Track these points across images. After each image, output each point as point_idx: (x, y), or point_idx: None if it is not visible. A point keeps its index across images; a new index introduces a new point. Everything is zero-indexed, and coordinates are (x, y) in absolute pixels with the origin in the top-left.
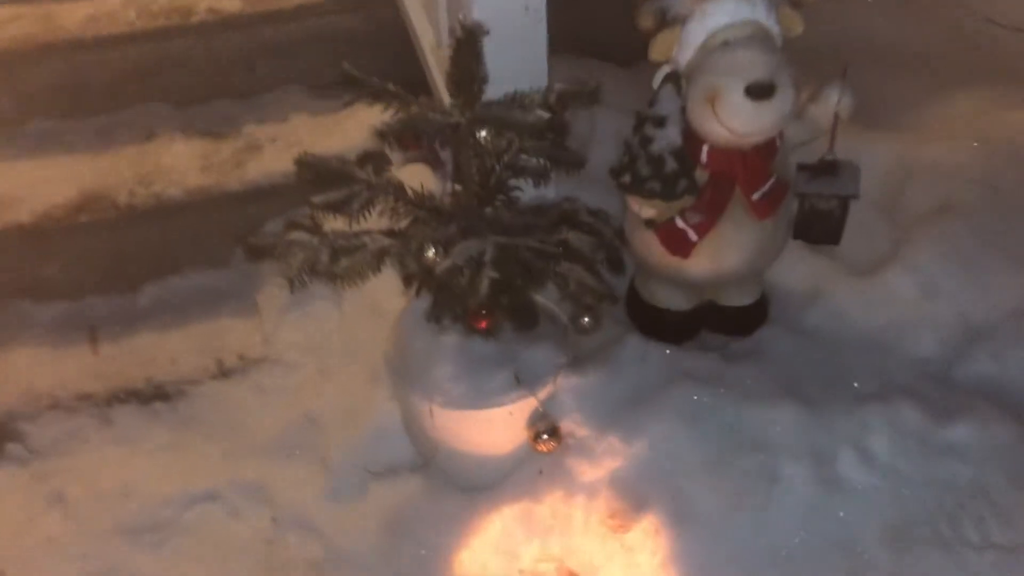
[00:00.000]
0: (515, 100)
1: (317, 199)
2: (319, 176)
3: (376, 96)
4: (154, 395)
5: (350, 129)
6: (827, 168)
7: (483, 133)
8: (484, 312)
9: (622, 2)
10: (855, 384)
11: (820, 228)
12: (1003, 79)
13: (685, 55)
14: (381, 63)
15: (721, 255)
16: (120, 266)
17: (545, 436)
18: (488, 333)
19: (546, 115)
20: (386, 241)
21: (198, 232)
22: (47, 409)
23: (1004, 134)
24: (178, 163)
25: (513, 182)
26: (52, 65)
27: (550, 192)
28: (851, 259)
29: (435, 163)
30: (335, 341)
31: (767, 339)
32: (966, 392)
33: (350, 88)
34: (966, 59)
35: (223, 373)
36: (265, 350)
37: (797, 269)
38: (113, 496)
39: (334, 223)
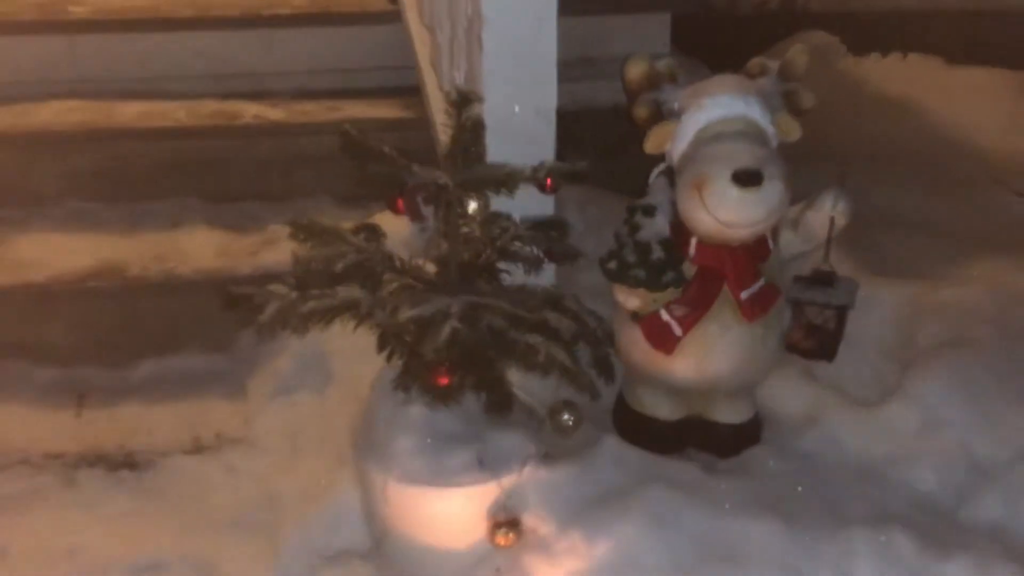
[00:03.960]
0: (502, 170)
1: (301, 254)
2: (311, 235)
3: (371, 156)
4: (123, 463)
5: None
6: (822, 279)
7: (473, 205)
8: (446, 367)
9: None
10: (844, 509)
11: (814, 341)
12: None
13: (679, 148)
14: None
15: (707, 356)
16: (120, 338)
17: (505, 529)
18: (448, 393)
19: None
20: (359, 294)
21: (203, 314)
22: (16, 464)
23: (1021, 286)
24: (196, 248)
25: (503, 266)
26: (99, 151)
27: (544, 283)
28: (853, 389)
29: (419, 221)
30: (312, 428)
31: (755, 457)
32: (967, 530)
33: (347, 148)
34: (989, 230)
35: (196, 449)
36: (244, 432)
37: (795, 395)
38: (58, 556)
39: None
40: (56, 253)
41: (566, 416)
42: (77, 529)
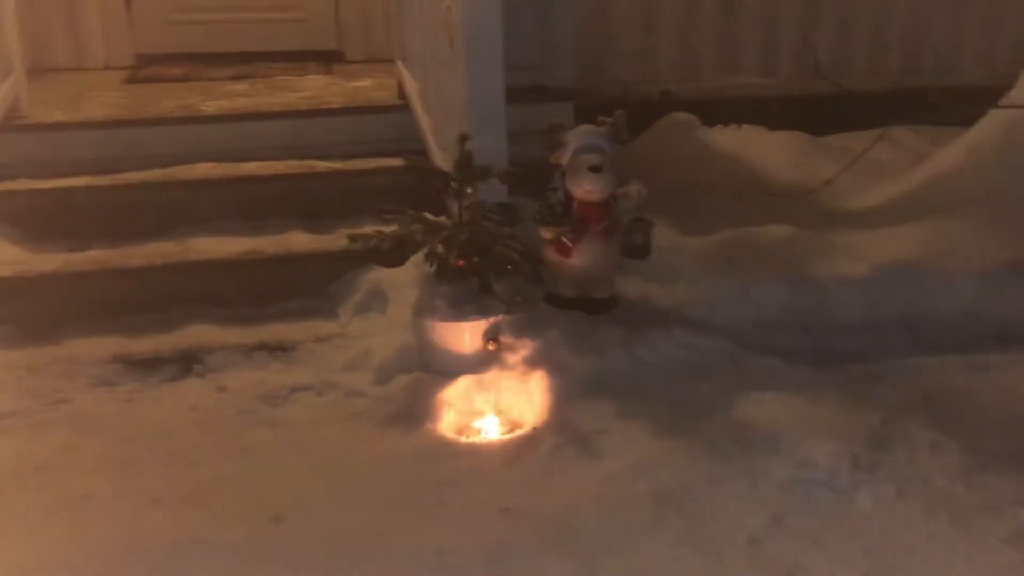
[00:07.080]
0: (483, 168)
1: (385, 217)
2: (391, 213)
3: (424, 168)
4: (277, 347)
5: None
6: (637, 219)
7: (469, 190)
8: (463, 257)
9: None
10: (649, 321)
11: (634, 249)
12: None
13: (565, 159)
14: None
15: (584, 257)
16: (262, 290)
17: (492, 342)
18: (463, 271)
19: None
20: (417, 230)
21: (308, 275)
22: (217, 349)
23: (744, 235)
24: (300, 241)
25: (484, 223)
26: (233, 191)
27: None
28: (661, 281)
29: (447, 200)
30: (381, 325)
31: (612, 311)
32: (715, 328)
33: (414, 168)
34: (748, 214)
35: (317, 340)
36: (342, 331)
37: (634, 286)
38: (252, 386)
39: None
40: (219, 246)
41: (519, 297)
42: (261, 375)
